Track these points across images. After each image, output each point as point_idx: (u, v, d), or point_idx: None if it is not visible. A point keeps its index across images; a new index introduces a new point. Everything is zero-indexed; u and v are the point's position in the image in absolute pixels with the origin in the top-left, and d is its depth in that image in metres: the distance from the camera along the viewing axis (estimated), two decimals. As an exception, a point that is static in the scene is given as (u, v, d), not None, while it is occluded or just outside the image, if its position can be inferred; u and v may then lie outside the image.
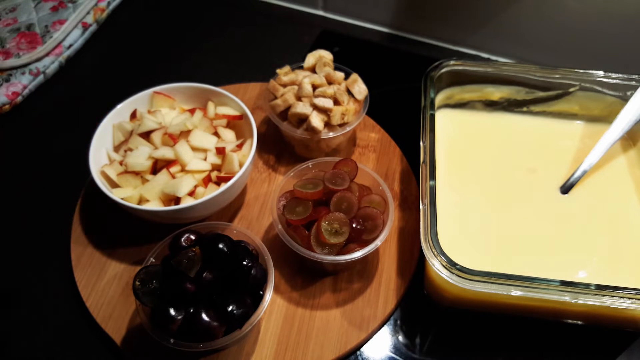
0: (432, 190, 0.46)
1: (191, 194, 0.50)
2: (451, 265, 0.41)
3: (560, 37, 0.68)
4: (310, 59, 0.60)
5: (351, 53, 0.74)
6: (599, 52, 0.67)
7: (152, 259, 0.46)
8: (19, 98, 0.66)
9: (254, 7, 0.81)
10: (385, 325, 0.49)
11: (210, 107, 0.57)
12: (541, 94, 0.58)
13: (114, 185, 0.51)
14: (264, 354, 0.46)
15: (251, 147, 0.52)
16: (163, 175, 0.50)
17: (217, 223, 0.48)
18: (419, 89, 0.55)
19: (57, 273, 0.52)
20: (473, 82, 0.58)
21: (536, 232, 0.50)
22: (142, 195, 0.50)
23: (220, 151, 0.52)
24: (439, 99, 0.58)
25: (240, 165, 0.52)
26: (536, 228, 0.50)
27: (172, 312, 0.40)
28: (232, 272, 0.43)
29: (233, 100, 0.57)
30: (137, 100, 0.57)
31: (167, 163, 0.51)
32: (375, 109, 0.60)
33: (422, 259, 0.51)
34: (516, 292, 0.41)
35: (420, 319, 0.50)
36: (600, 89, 0.56)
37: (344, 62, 0.60)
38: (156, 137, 0.53)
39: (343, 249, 0.46)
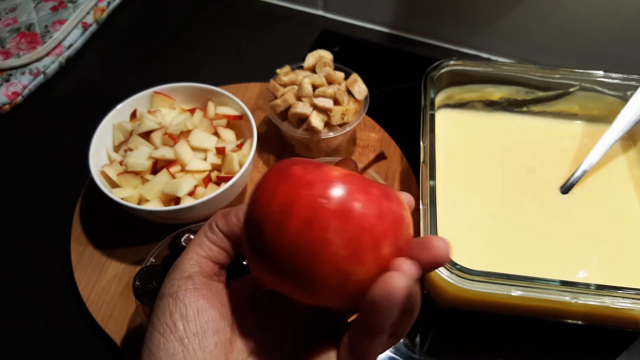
0: (432, 191, 0.46)
1: (191, 194, 0.50)
2: (451, 265, 0.41)
3: (561, 37, 0.68)
4: (310, 59, 0.59)
5: (351, 53, 0.74)
6: (599, 52, 0.67)
7: (152, 259, 0.46)
8: (19, 98, 0.66)
9: (254, 7, 0.81)
10: (385, 325, 0.49)
11: (210, 107, 0.57)
12: (541, 94, 0.58)
13: (114, 185, 0.51)
14: (264, 354, 0.46)
15: (251, 147, 0.52)
16: (163, 175, 0.50)
17: (217, 223, 0.48)
18: (419, 89, 0.55)
19: (57, 273, 0.52)
20: (473, 82, 0.58)
21: (536, 232, 0.50)
22: (142, 195, 0.50)
23: (220, 151, 0.52)
24: (439, 99, 0.58)
25: (240, 165, 0.52)
26: (536, 228, 0.50)
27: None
28: (232, 272, 0.43)
29: (233, 100, 0.57)
30: (137, 100, 0.57)
31: (167, 163, 0.51)
32: (375, 109, 0.60)
33: (422, 259, 0.51)
34: (516, 292, 0.41)
35: (420, 319, 0.50)
36: (600, 89, 0.56)
37: (344, 62, 0.60)
38: (156, 137, 0.53)
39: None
